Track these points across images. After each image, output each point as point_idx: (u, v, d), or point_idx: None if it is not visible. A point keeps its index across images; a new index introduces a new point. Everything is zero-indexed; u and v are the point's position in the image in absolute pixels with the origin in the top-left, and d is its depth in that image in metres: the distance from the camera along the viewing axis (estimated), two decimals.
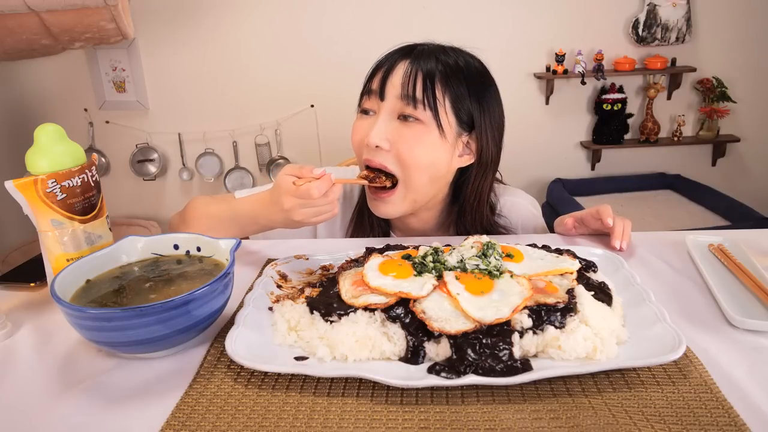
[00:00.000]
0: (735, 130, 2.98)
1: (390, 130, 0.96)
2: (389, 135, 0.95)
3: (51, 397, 0.62)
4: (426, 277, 0.71)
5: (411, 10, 2.77)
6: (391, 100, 0.96)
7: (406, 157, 0.95)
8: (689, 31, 2.79)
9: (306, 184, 0.85)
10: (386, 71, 0.97)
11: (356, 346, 0.65)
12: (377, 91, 0.97)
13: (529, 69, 2.87)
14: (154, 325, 0.62)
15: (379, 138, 0.95)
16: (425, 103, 0.94)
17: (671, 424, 0.55)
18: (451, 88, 0.96)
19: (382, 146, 0.95)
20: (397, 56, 0.99)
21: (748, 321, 0.70)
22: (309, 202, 0.87)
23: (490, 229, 1.09)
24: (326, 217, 0.90)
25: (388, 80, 0.96)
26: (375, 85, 0.98)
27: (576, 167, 3.07)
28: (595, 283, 0.74)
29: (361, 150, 0.99)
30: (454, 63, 0.98)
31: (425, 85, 0.94)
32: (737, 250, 0.89)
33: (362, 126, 0.99)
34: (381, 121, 0.96)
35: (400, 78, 0.95)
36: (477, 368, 0.61)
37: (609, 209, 0.97)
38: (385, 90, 0.96)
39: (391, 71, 0.97)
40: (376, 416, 0.57)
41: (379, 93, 0.97)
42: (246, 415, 0.58)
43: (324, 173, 0.86)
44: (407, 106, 0.95)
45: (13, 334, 0.76)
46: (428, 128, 0.95)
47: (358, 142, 1.00)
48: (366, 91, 1.00)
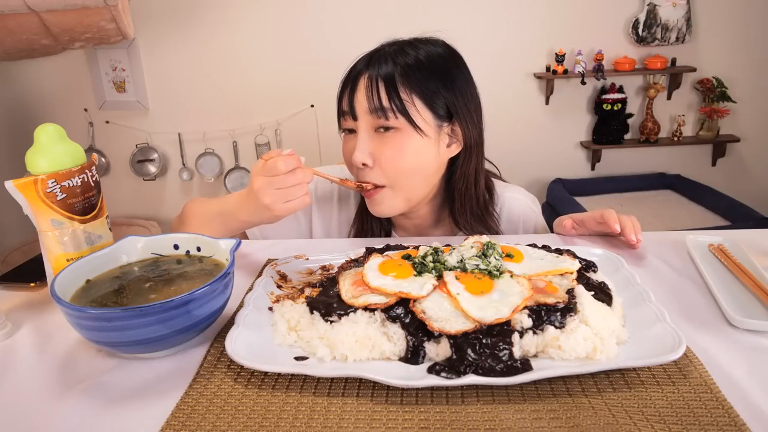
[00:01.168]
0: (735, 130, 2.98)
1: (372, 145, 0.96)
2: (372, 150, 0.96)
3: (51, 397, 0.62)
4: (426, 277, 0.71)
5: (411, 10, 2.77)
6: (363, 117, 0.96)
7: (391, 169, 0.96)
8: (689, 31, 2.79)
9: (272, 159, 0.85)
10: (351, 90, 0.97)
11: (356, 346, 0.65)
12: (348, 111, 0.97)
13: (529, 69, 2.87)
14: (154, 325, 0.62)
15: (363, 156, 0.95)
16: (394, 111, 0.93)
17: (671, 424, 0.55)
18: (416, 87, 0.94)
19: (368, 163, 0.96)
20: (358, 69, 0.98)
21: (748, 321, 0.70)
22: (276, 180, 0.85)
23: (485, 217, 1.07)
24: (296, 204, 0.87)
25: (354, 99, 0.96)
26: (345, 106, 0.98)
27: (576, 167, 3.07)
28: (595, 283, 0.74)
29: (352, 170, 1.01)
30: (414, 60, 0.96)
31: (389, 93, 0.93)
32: (737, 250, 0.89)
33: (349, 147, 0.99)
34: (360, 140, 0.96)
35: (363, 93, 0.95)
36: (477, 368, 0.61)
37: (614, 214, 0.96)
38: (355, 109, 0.96)
39: (355, 89, 0.96)
40: (376, 416, 0.57)
41: (350, 113, 0.97)
42: (246, 415, 0.58)
43: (292, 152, 0.87)
44: (379, 119, 0.94)
45: (13, 334, 0.76)
46: (406, 133, 0.95)
47: (349, 162, 1.00)
48: (340, 113, 1.00)
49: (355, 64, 1.00)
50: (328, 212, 1.17)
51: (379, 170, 0.96)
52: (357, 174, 1.00)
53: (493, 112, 2.87)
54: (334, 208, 1.17)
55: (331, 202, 1.17)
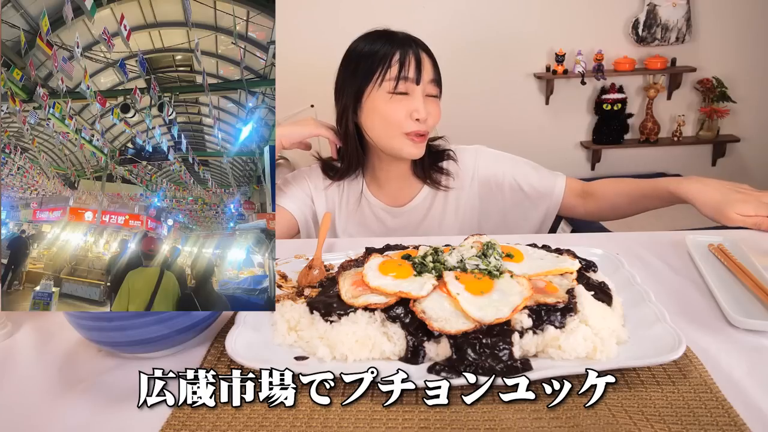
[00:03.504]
0: (735, 130, 2.98)
1: (424, 106, 1.18)
2: (427, 109, 1.18)
3: (51, 397, 0.62)
4: (426, 277, 0.71)
5: (411, 10, 2.77)
6: (427, 84, 1.18)
7: (432, 122, 1.21)
8: (689, 31, 2.79)
9: None
10: (417, 61, 1.17)
11: (356, 346, 0.65)
12: (414, 78, 1.16)
13: (529, 69, 2.87)
14: (154, 325, 0.62)
15: (426, 112, 1.17)
16: (440, 82, 1.21)
17: (671, 424, 0.55)
18: (437, 67, 1.21)
19: (426, 117, 1.18)
20: (411, 47, 1.18)
21: (748, 321, 0.70)
22: None
23: (432, 164, 1.30)
24: None
25: (422, 68, 1.17)
26: (411, 73, 1.16)
27: (576, 167, 3.07)
28: (595, 283, 0.74)
29: (406, 122, 1.17)
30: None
31: (435, 69, 1.20)
32: (737, 250, 0.89)
33: (401, 105, 1.17)
34: (421, 101, 1.17)
35: (429, 66, 1.19)
36: (477, 368, 0.61)
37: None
38: (422, 76, 1.17)
39: (421, 61, 1.17)
40: (376, 416, 0.57)
41: (416, 79, 1.16)
42: (246, 415, 0.58)
43: None
44: (433, 87, 1.20)
45: (13, 334, 0.76)
46: (438, 100, 1.22)
47: (404, 116, 1.17)
48: (401, 78, 1.16)
49: (392, 44, 1.18)
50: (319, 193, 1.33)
51: (428, 123, 1.19)
52: (412, 127, 1.17)
53: (493, 112, 2.87)
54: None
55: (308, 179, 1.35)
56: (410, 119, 1.17)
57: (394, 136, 1.19)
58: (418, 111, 1.16)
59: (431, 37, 1.27)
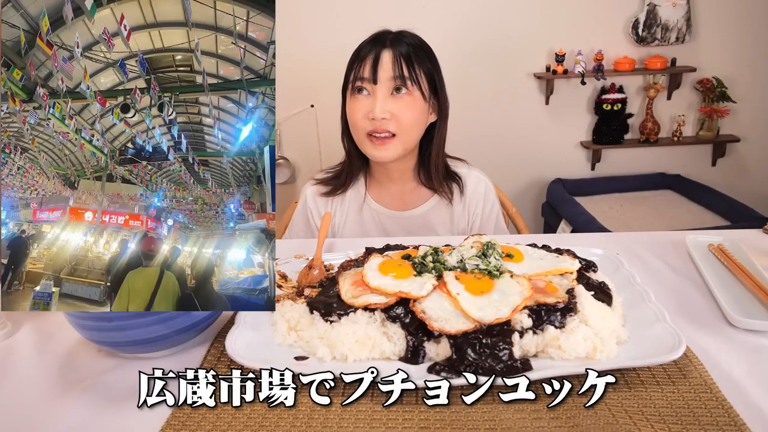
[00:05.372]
0: (735, 130, 2.98)
1: (388, 103, 1.18)
2: (388, 108, 1.17)
3: (51, 397, 0.62)
4: (426, 277, 0.71)
5: (411, 10, 2.77)
6: (385, 83, 1.17)
7: (404, 120, 1.19)
8: (689, 31, 2.79)
9: None
10: (374, 60, 1.17)
11: (356, 346, 0.65)
12: (369, 78, 1.17)
13: (529, 69, 2.87)
14: (154, 325, 0.62)
15: (383, 111, 1.17)
16: (412, 79, 1.18)
17: (671, 424, 0.55)
18: (422, 64, 1.20)
19: (387, 117, 1.17)
20: (377, 46, 1.18)
21: (748, 321, 0.70)
22: None
23: (448, 178, 1.31)
24: None
25: (379, 67, 1.17)
26: (366, 73, 1.17)
27: (576, 167, 3.06)
28: (595, 283, 0.74)
29: (363, 123, 1.19)
30: (416, 44, 1.21)
31: (409, 65, 1.18)
32: (737, 250, 0.89)
33: (359, 106, 1.19)
34: (380, 99, 1.17)
35: (389, 64, 1.17)
36: (477, 368, 0.61)
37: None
38: (378, 75, 1.17)
39: (379, 60, 1.17)
40: (376, 416, 0.57)
41: (371, 78, 1.17)
42: (246, 415, 0.58)
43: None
44: (398, 84, 1.18)
45: (13, 334, 0.76)
46: (415, 98, 1.19)
47: (361, 117, 1.19)
48: (358, 78, 1.19)
49: (367, 43, 1.20)
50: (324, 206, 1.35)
51: (395, 122, 1.18)
52: (367, 127, 1.18)
53: (493, 112, 2.87)
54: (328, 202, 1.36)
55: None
56: (366, 119, 1.18)
57: (359, 138, 1.21)
58: (372, 111, 1.16)
59: (431, 38, 1.27)
